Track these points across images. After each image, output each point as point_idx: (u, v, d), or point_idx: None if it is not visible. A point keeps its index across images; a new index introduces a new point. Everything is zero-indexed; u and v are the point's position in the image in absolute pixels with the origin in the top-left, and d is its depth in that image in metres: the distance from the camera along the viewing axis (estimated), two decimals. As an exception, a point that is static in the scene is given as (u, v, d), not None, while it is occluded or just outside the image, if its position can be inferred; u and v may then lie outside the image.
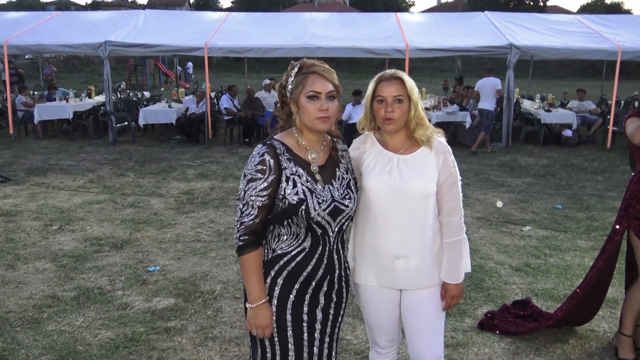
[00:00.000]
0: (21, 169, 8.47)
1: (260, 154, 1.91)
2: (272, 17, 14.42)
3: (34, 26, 12.01)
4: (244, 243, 1.90)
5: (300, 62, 1.99)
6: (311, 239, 1.95)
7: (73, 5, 62.35)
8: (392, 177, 2.17)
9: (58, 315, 3.79)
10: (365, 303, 2.35)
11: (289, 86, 1.96)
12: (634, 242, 3.16)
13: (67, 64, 31.23)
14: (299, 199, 1.89)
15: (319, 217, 1.92)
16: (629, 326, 3.26)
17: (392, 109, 2.13)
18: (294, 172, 1.92)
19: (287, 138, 2.00)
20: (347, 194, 2.02)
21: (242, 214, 1.91)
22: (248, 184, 1.90)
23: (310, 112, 1.92)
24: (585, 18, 12.92)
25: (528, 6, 48.28)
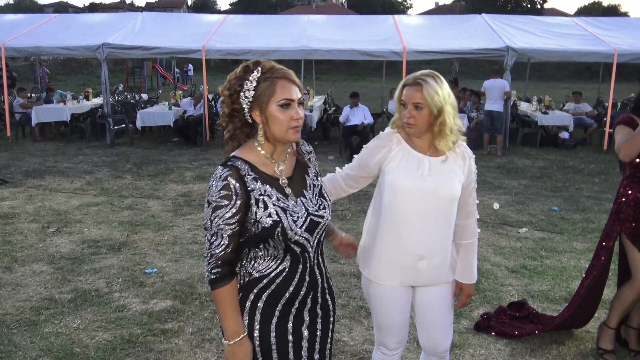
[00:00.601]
0: (18, 171, 8.47)
1: (222, 177, 1.71)
2: (269, 19, 14.46)
3: (31, 28, 12.02)
4: (217, 276, 1.72)
5: (259, 64, 1.76)
6: (290, 259, 1.79)
7: (71, 8, 62.40)
8: (424, 179, 2.19)
9: (55, 318, 3.80)
10: (380, 303, 2.34)
11: (248, 92, 1.73)
12: (627, 245, 3.19)
13: (65, 66, 31.23)
14: (272, 222, 1.72)
15: (297, 236, 1.76)
16: (614, 320, 3.34)
17: (411, 115, 2.15)
18: (262, 192, 1.74)
19: (249, 154, 1.79)
20: (321, 203, 1.86)
21: (211, 245, 1.72)
22: (214, 212, 1.70)
23: (283, 122, 1.73)
24: (582, 20, 12.97)
25: (525, 9, 48.43)
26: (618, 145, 3.05)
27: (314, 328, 1.88)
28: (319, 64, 23.95)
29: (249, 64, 1.77)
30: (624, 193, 3.19)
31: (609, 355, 3.33)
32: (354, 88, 13.64)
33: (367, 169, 2.31)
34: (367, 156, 2.30)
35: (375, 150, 2.27)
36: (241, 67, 1.77)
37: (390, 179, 2.21)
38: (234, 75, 1.77)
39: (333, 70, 32.41)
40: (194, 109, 11.46)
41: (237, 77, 1.76)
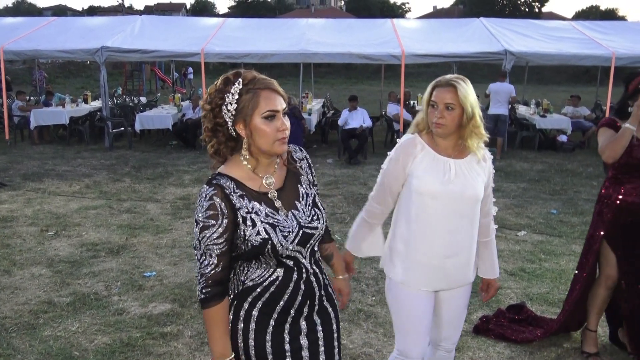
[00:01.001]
0: (17, 175, 8.47)
1: (207, 197, 1.67)
2: (268, 23, 14.48)
3: (30, 32, 12.02)
4: (207, 296, 1.70)
5: (239, 75, 1.70)
6: (284, 269, 1.76)
7: (70, 11, 62.46)
8: (451, 182, 2.23)
9: (54, 321, 3.79)
10: (411, 309, 2.34)
11: (230, 105, 1.68)
12: (602, 245, 3.24)
13: (64, 70, 31.24)
14: (262, 239, 1.68)
15: (288, 251, 1.73)
16: (593, 322, 3.38)
17: (441, 115, 2.19)
18: (250, 209, 1.70)
19: (234, 169, 1.74)
20: (314, 214, 1.82)
21: (201, 265, 1.70)
22: (201, 232, 1.68)
23: (269, 135, 1.68)
24: (580, 24, 13.01)
25: (524, 12, 48.60)
26: (601, 147, 3.08)
27: (315, 336, 1.83)
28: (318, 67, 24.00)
29: (229, 76, 1.71)
30: (605, 194, 3.23)
31: (594, 357, 3.36)
32: (352, 91, 13.65)
33: (398, 180, 2.32)
34: (394, 169, 2.31)
35: (402, 160, 2.29)
36: (221, 79, 1.71)
37: (419, 185, 2.24)
38: (214, 88, 1.72)
39: (332, 74, 32.45)
40: (193, 112, 11.46)
41: (217, 90, 1.71)
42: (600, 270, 3.31)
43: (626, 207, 3.12)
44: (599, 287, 3.32)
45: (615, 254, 3.20)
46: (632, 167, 3.06)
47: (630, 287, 3.19)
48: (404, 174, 2.29)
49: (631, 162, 3.04)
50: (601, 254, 3.26)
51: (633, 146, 3.00)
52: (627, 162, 3.04)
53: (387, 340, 3.57)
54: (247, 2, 56.39)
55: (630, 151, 3.01)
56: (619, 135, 2.99)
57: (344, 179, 8.39)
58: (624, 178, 3.13)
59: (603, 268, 3.28)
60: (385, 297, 2.54)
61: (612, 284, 3.25)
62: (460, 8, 55.01)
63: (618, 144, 2.98)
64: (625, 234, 3.16)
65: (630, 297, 3.20)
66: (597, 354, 3.38)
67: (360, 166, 9.61)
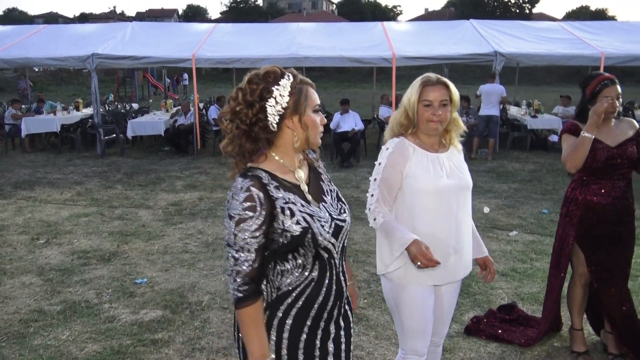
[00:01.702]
0: (8, 183, 8.43)
1: (244, 188, 1.63)
2: (259, 27, 14.50)
3: (20, 39, 11.99)
4: (245, 294, 1.64)
5: (287, 70, 1.72)
6: (319, 267, 1.73)
7: (61, 18, 62.34)
8: (449, 176, 2.32)
9: (44, 330, 3.77)
10: (419, 306, 2.36)
11: (282, 97, 1.66)
12: (572, 244, 3.28)
13: (56, 77, 31.18)
14: (302, 228, 1.67)
15: (326, 242, 1.71)
16: (577, 320, 3.41)
17: (438, 112, 2.26)
18: (287, 200, 1.68)
19: (266, 163, 1.73)
20: (341, 207, 1.85)
21: (236, 261, 1.64)
22: (238, 225, 1.62)
23: (317, 127, 1.74)
24: (569, 25, 13.10)
25: (514, 14, 48.85)
26: (564, 157, 3.09)
27: (339, 341, 1.83)
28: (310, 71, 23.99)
29: (275, 69, 1.68)
30: (571, 196, 3.25)
31: (583, 356, 3.37)
32: (345, 95, 13.67)
33: (396, 185, 2.33)
34: (392, 174, 2.32)
35: (399, 164, 2.31)
36: (265, 73, 1.67)
37: (421, 185, 2.29)
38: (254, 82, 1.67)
39: (324, 77, 32.50)
40: (185, 117, 11.45)
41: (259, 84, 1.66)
42: (573, 269, 3.35)
43: (592, 208, 3.15)
44: (574, 286, 3.37)
45: (584, 253, 3.23)
46: (596, 169, 3.08)
47: (603, 287, 3.21)
48: (401, 178, 2.31)
49: (595, 165, 3.07)
50: (572, 252, 3.29)
51: (597, 149, 3.03)
52: (591, 165, 3.06)
53: (379, 342, 3.58)
54: (239, 7, 56.45)
55: (594, 155, 3.03)
56: (577, 145, 2.99)
57: (336, 182, 8.35)
58: (590, 179, 3.15)
59: (575, 267, 3.32)
60: (380, 301, 2.56)
61: (585, 281, 3.30)
62: (451, 10, 55.30)
63: (578, 154, 2.99)
64: (592, 234, 3.19)
65: (609, 298, 3.21)
66: (587, 352, 3.39)
67: (352, 169, 9.62)
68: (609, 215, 3.13)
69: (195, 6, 67.54)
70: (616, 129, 3.11)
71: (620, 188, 3.12)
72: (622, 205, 3.13)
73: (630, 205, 3.18)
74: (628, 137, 3.09)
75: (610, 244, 3.16)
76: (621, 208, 3.13)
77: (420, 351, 2.43)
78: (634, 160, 3.08)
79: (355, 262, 4.93)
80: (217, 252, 5.29)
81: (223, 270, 4.81)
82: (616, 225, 3.15)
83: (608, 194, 3.12)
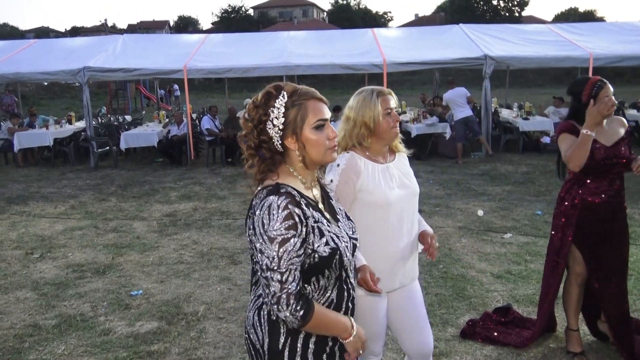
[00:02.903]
0: (1, 198, 8.39)
1: (282, 207, 1.56)
2: (250, 37, 14.56)
3: (11, 55, 11.99)
4: (305, 309, 1.57)
5: (281, 88, 1.66)
6: (337, 288, 1.70)
7: (52, 32, 62.29)
8: (399, 186, 2.38)
9: (39, 344, 3.76)
10: (369, 313, 2.39)
11: (277, 120, 1.63)
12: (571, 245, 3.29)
13: (48, 91, 31.11)
14: (331, 249, 1.62)
15: (349, 262, 1.69)
16: (573, 320, 3.42)
17: (398, 117, 2.39)
18: (316, 219, 1.63)
19: (290, 180, 1.68)
20: (352, 226, 1.82)
21: (284, 284, 1.55)
22: (281, 247, 1.54)
23: (321, 144, 1.65)
24: (558, 27, 13.21)
25: (504, 17, 49.14)
26: (565, 156, 3.10)
27: None
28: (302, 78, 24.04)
29: (270, 90, 1.66)
30: (567, 196, 3.27)
31: (579, 357, 3.38)
32: (338, 102, 13.67)
33: (349, 200, 2.31)
34: (345, 190, 2.30)
35: (351, 180, 2.30)
36: (262, 95, 1.66)
37: (373, 199, 2.31)
38: (254, 104, 1.67)
39: (317, 85, 31.77)
40: (178, 128, 11.46)
41: (258, 106, 1.65)
42: (569, 269, 3.36)
43: (589, 207, 3.17)
44: (570, 285, 3.37)
45: (582, 252, 3.25)
46: (593, 168, 3.11)
47: (602, 285, 3.23)
48: (354, 193, 2.31)
49: (593, 165, 3.09)
50: (569, 252, 3.30)
51: (594, 149, 3.05)
52: (588, 165, 3.08)
53: (375, 348, 3.57)
54: (230, 17, 56.58)
55: (592, 154, 3.05)
56: (580, 144, 3.00)
57: (330, 189, 8.40)
58: (586, 179, 3.18)
59: (572, 266, 3.33)
60: None
61: (582, 280, 3.32)
62: (441, 15, 55.60)
63: (581, 152, 3.00)
64: (590, 233, 3.21)
65: (609, 296, 3.23)
66: (583, 352, 3.40)
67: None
68: (605, 213, 3.17)
69: (187, 17, 67.69)
70: (609, 128, 3.15)
71: (616, 186, 3.16)
72: (616, 203, 3.17)
73: (622, 202, 3.23)
74: (621, 137, 3.14)
75: (606, 241, 3.20)
76: (615, 205, 3.18)
77: (377, 351, 2.52)
78: (626, 159, 3.12)
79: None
80: (212, 262, 5.28)
81: (219, 280, 4.80)
82: (611, 222, 3.19)
83: (604, 193, 3.15)
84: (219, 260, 5.32)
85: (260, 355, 1.71)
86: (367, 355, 2.52)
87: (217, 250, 5.63)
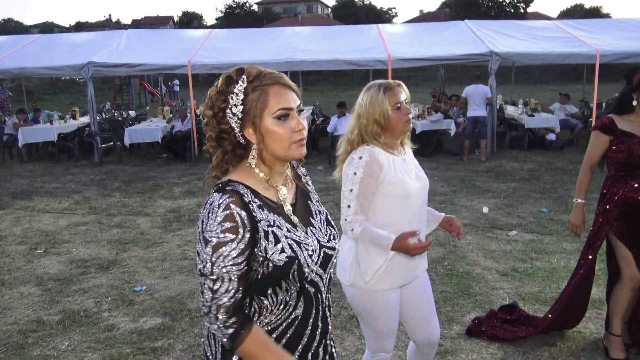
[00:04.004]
0: (6, 193, 8.40)
1: (223, 206, 1.36)
2: (254, 32, 14.51)
3: (15, 50, 11.99)
4: (237, 326, 1.37)
5: (243, 72, 1.45)
6: (303, 304, 1.49)
7: (57, 27, 62.33)
8: (417, 176, 2.41)
9: (43, 340, 3.75)
10: (383, 309, 2.39)
11: (235, 108, 1.43)
12: (615, 243, 3.21)
13: (53, 86, 31.15)
14: (287, 258, 1.41)
15: (313, 274, 1.47)
16: (617, 326, 3.27)
17: (409, 110, 2.38)
18: (271, 222, 1.43)
19: (245, 177, 1.47)
20: (330, 233, 1.59)
21: (215, 294, 1.36)
22: (216, 251, 1.36)
23: (284, 137, 1.44)
24: (564, 23, 13.12)
25: (509, 13, 48.95)
26: (583, 164, 3.21)
27: None
28: (307, 75, 24.07)
29: (230, 74, 1.45)
30: (609, 192, 3.21)
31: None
32: (342, 98, 13.65)
33: (372, 193, 2.32)
34: (369, 184, 2.29)
35: (375, 173, 2.30)
36: (223, 79, 1.46)
37: (394, 191, 2.31)
38: (215, 90, 1.46)
39: (321, 81, 32.54)
40: (182, 124, 11.45)
41: (219, 92, 1.45)
42: (622, 272, 3.21)
43: (632, 204, 3.11)
44: (622, 288, 3.20)
45: (631, 251, 3.14)
46: (634, 165, 3.06)
47: None
48: (377, 185, 2.31)
49: (632, 161, 3.05)
50: (619, 255, 3.19)
51: (632, 145, 3.02)
52: (629, 161, 3.04)
53: (380, 345, 3.55)
54: (235, 12, 56.53)
55: (630, 151, 3.02)
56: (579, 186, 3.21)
57: (334, 186, 8.37)
58: (627, 175, 3.13)
59: (624, 268, 3.18)
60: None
61: (636, 284, 3.15)
62: (446, 11, 55.38)
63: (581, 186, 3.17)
64: (636, 230, 3.14)
65: None
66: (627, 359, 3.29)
67: (351, 172, 9.59)
68: None
69: (191, 13, 67.62)
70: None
71: None
72: None
73: None
74: None
75: None
76: None
77: (389, 348, 2.51)
78: None
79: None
80: (216, 258, 5.26)
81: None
82: None
83: None
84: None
85: None
86: (379, 352, 2.50)
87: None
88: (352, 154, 2.34)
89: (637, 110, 3.06)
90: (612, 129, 3.08)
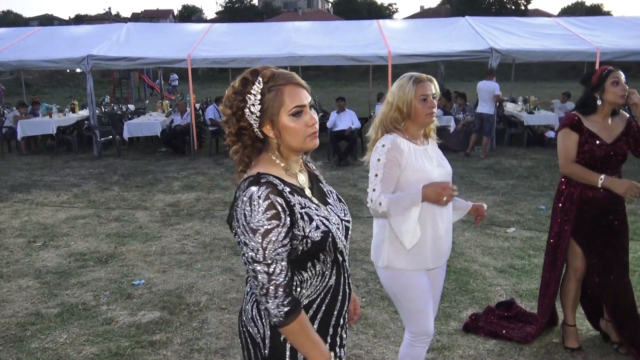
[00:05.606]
0: (4, 186, 8.40)
1: (263, 197, 1.52)
2: (255, 27, 14.47)
3: (15, 42, 11.95)
4: (292, 306, 1.55)
5: (258, 74, 1.60)
6: (335, 273, 1.69)
7: (56, 20, 62.10)
8: (440, 165, 2.54)
9: (42, 333, 3.76)
10: (418, 288, 2.52)
11: (253, 107, 1.59)
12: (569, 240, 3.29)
13: (52, 79, 31.11)
14: (322, 233, 1.60)
15: (342, 245, 1.69)
16: (570, 316, 3.42)
17: (434, 104, 2.48)
18: (302, 205, 1.60)
19: (272, 168, 1.64)
20: (343, 208, 1.79)
21: (271, 276, 1.53)
22: (265, 238, 1.51)
23: (299, 132, 1.60)
24: (564, 21, 13.10)
25: (510, 10, 48.86)
26: (562, 161, 3.15)
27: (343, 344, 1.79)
28: (307, 70, 24.00)
29: (246, 76, 1.61)
30: (566, 190, 3.27)
31: (577, 352, 3.37)
32: (341, 93, 13.63)
33: (395, 179, 2.46)
34: (393, 170, 2.44)
35: (396, 159, 2.44)
36: (239, 80, 1.61)
37: (416, 177, 2.42)
38: (232, 91, 1.62)
39: (321, 76, 32.50)
40: (181, 118, 11.43)
41: (236, 92, 1.61)
42: (568, 264, 3.36)
43: (587, 201, 3.17)
44: (569, 281, 3.38)
45: (582, 247, 3.25)
46: (593, 166, 3.11)
47: (603, 279, 3.22)
48: (399, 171, 2.45)
49: (592, 162, 3.10)
50: (568, 248, 3.30)
51: (594, 147, 3.07)
52: (589, 162, 3.10)
53: (378, 341, 3.57)
54: (235, 7, 56.37)
55: (593, 152, 3.07)
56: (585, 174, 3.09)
57: (334, 181, 8.38)
58: None
59: (571, 261, 3.33)
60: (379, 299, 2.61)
61: (580, 276, 3.33)
62: (447, 7, 55.26)
63: (581, 178, 3.12)
64: (589, 228, 3.21)
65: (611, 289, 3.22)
66: (580, 348, 3.39)
67: (350, 168, 9.61)
68: (604, 207, 3.16)
69: (191, 6, 67.45)
70: (612, 122, 3.14)
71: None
72: (614, 196, 3.13)
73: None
74: (621, 132, 3.13)
75: (606, 233, 3.19)
76: (614, 197, 3.14)
77: (430, 330, 2.58)
78: (626, 154, 3.14)
79: (354, 260, 4.92)
80: (214, 252, 5.28)
81: (221, 271, 4.80)
82: (610, 214, 3.18)
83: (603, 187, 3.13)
84: (222, 251, 5.31)
85: (259, 348, 1.68)
86: (420, 336, 2.57)
87: (220, 240, 5.63)
88: (378, 142, 2.50)
89: (599, 110, 3.09)
90: (580, 128, 3.10)
